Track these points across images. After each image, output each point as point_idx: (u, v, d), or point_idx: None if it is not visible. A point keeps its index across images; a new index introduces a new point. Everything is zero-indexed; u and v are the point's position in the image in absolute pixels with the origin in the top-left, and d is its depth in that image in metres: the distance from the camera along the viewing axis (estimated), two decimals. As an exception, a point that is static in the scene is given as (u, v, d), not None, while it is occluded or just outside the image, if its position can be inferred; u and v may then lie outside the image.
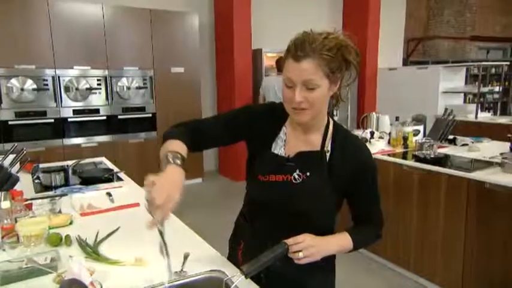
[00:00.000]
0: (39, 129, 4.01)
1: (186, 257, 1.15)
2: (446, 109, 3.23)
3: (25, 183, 2.05)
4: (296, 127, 1.11)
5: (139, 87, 4.55)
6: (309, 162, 1.07)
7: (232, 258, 1.23)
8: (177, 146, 1.00)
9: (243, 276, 0.91)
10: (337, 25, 6.61)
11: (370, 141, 3.16)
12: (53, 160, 2.81)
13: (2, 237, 1.28)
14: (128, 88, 4.47)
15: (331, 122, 1.11)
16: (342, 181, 1.07)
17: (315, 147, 1.08)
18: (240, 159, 1.03)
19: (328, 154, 1.07)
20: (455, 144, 3.07)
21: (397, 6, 7.22)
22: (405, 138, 3.01)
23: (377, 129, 3.47)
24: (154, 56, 4.59)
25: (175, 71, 4.76)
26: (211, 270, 1.11)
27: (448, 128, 3.11)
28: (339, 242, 1.10)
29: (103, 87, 4.33)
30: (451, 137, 3.14)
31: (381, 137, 3.21)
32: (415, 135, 3.09)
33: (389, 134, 3.21)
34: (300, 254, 0.98)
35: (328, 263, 1.16)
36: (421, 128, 3.19)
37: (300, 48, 0.95)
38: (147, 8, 4.51)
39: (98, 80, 4.28)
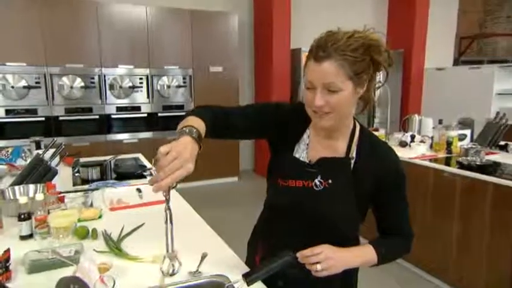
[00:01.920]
0: (86, 125, 4.26)
1: (203, 257, 1.14)
2: (498, 112, 2.98)
3: (65, 176, 2.18)
4: (319, 131, 1.05)
5: (179, 86, 4.67)
6: (331, 169, 1.02)
7: (250, 262, 1.20)
8: (197, 123, 0.93)
9: (245, 284, 0.89)
10: (381, 22, 6.36)
11: (410, 145, 3.00)
12: (96, 154, 2.96)
13: (35, 227, 1.35)
14: (168, 86, 4.61)
15: (358, 127, 1.05)
16: (366, 190, 1.02)
17: (339, 153, 1.03)
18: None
19: (352, 161, 1.02)
20: (507, 151, 2.82)
21: (449, 2, 6.79)
22: (449, 143, 2.81)
23: (419, 133, 3.29)
24: (194, 55, 4.69)
25: (214, 70, 4.84)
26: (214, 275, 1.10)
27: (499, 133, 2.87)
28: (362, 255, 1.04)
29: (145, 85, 4.50)
30: (502, 143, 2.89)
31: (422, 141, 3.03)
32: (461, 139, 2.88)
33: (432, 138, 3.02)
34: (318, 267, 0.93)
35: (349, 273, 1.09)
36: (468, 132, 2.96)
37: (321, 48, 0.89)
38: (188, 9, 4.62)
39: (140, 78, 4.46)
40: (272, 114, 1.10)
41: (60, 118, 4.13)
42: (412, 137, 3.11)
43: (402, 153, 2.82)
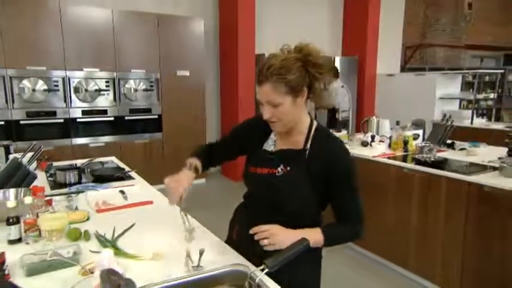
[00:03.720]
0: (49, 129, 4.12)
1: (201, 253, 1.19)
2: (445, 115, 3.31)
3: (40, 180, 2.14)
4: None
5: (146, 90, 4.65)
6: (290, 158, 1.20)
7: (229, 238, 1.40)
8: (193, 160, 1.34)
9: (267, 270, 0.98)
10: (338, 30, 6.74)
11: (371, 145, 3.24)
12: (62, 159, 2.89)
13: (25, 231, 1.36)
14: (135, 90, 4.57)
15: (315, 124, 1.24)
16: (318, 177, 1.17)
17: (298, 146, 1.22)
18: (240, 160, 1.12)
19: (307, 152, 1.19)
20: (453, 148, 3.15)
21: (396, 13, 7.34)
22: (405, 142, 3.09)
23: (377, 133, 3.55)
24: (161, 59, 4.69)
25: (180, 74, 4.86)
26: (234, 264, 1.18)
27: (446, 133, 3.19)
28: (308, 235, 1.12)
29: (111, 88, 4.43)
30: (449, 141, 3.22)
31: (381, 141, 3.29)
32: (415, 139, 3.17)
33: (390, 137, 3.29)
34: (265, 241, 1.12)
35: (312, 257, 1.26)
36: (420, 132, 3.27)
37: (261, 73, 1.11)
38: (154, 13, 4.62)
39: (106, 81, 4.38)
40: (243, 131, 1.39)
41: (22, 122, 3.95)
42: (372, 137, 3.36)
43: (364, 152, 3.06)
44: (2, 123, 3.85)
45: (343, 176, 1.19)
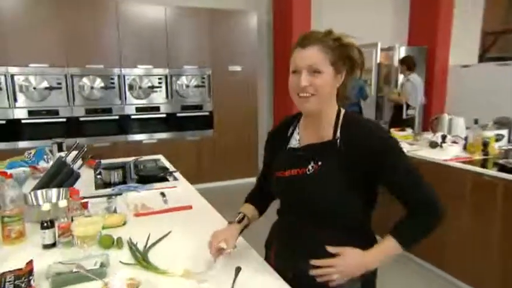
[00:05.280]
0: (106, 126, 4.25)
1: (237, 271, 1.07)
2: (537, 111, 2.79)
3: (87, 179, 2.13)
4: (308, 125, 1.12)
5: (197, 86, 4.61)
6: (320, 152, 1.05)
7: (267, 261, 1.21)
8: (246, 207, 1.28)
9: None
10: (403, 17, 6.18)
11: (441, 146, 2.85)
12: (117, 155, 2.93)
13: (59, 236, 1.29)
14: (187, 86, 4.56)
15: (342, 111, 1.09)
16: (357, 167, 1.00)
17: (327, 138, 1.07)
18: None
19: (338, 141, 1.04)
20: (548, 152, 2.64)
21: (474, -4, 6.53)
22: (485, 144, 2.65)
23: (449, 133, 3.12)
24: (213, 54, 4.63)
25: (232, 69, 4.76)
26: None
27: (540, 134, 2.69)
28: (382, 252, 1.03)
29: (163, 85, 4.45)
30: (543, 143, 2.71)
31: (454, 142, 2.87)
32: (497, 140, 2.71)
33: (465, 138, 2.86)
34: (334, 277, 1.00)
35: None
36: (505, 132, 2.79)
37: (306, 38, 1.02)
38: (206, 8, 4.56)
39: (159, 78, 4.42)
40: (269, 147, 1.26)
41: (81, 119, 4.12)
42: (443, 138, 2.95)
43: (433, 155, 2.68)
44: (64, 120, 4.04)
45: (390, 161, 1.00)
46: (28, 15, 3.80)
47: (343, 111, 1.09)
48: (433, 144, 2.93)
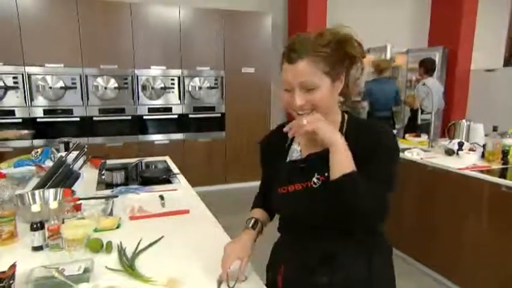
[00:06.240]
0: (119, 125, 4.29)
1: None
2: None
3: (90, 179, 2.13)
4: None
5: (210, 87, 4.60)
6: (325, 162, 0.93)
7: (270, 285, 1.10)
8: (255, 212, 1.19)
9: None
10: (423, 18, 5.99)
11: (458, 154, 2.71)
12: (129, 155, 2.93)
13: (48, 238, 1.27)
14: (200, 88, 4.55)
15: (346, 118, 1.01)
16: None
17: None
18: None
19: None
20: None
21: (501, -2, 6.27)
22: (505, 153, 2.50)
23: (467, 140, 2.98)
24: (226, 56, 4.61)
25: (246, 71, 4.72)
26: None
27: None
28: (346, 154, 0.89)
29: (176, 86, 4.46)
30: None
31: (471, 150, 2.73)
32: (518, 149, 2.56)
33: (484, 146, 2.71)
34: (304, 121, 0.89)
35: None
36: (527, 141, 2.63)
37: (292, 50, 0.91)
38: (220, 9, 4.54)
39: (172, 79, 4.43)
40: (266, 158, 1.17)
41: (95, 118, 4.18)
42: (460, 145, 2.81)
43: (448, 163, 2.55)
44: (78, 119, 4.10)
45: (383, 157, 0.93)
46: (45, 17, 3.88)
47: (346, 115, 1.02)
48: (449, 152, 2.80)
